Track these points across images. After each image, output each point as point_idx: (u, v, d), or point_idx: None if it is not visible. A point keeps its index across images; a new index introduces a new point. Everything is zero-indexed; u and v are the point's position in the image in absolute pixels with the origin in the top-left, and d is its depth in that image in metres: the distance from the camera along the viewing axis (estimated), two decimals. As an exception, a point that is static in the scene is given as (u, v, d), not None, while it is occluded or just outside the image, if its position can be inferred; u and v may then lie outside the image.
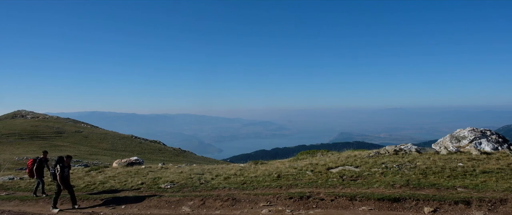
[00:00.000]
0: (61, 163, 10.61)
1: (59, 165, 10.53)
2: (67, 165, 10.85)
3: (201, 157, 50.21)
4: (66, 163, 10.81)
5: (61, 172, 10.49)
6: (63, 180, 10.53)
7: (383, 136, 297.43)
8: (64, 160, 10.79)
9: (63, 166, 10.61)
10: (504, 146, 14.00)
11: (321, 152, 17.31)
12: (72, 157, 11.36)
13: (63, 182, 10.52)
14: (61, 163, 10.62)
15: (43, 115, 67.91)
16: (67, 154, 11.35)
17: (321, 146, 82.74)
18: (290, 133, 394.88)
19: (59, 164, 10.56)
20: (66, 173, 10.71)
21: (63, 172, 10.55)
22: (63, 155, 11.10)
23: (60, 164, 10.56)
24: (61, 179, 10.47)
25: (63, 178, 10.52)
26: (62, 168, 10.53)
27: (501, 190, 8.65)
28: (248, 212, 8.94)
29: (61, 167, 10.51)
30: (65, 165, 10.70)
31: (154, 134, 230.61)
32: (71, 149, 39.18)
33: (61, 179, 10.48)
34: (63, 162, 10.69)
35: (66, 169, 10.74)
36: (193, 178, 12.76)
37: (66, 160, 10.85)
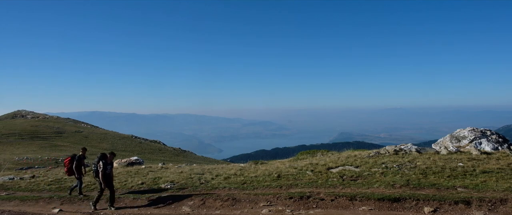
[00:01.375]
0: (104, 160, 10.15)
1: (102, 162, 10.08)
2: (110, 162, 10.39)
3: (201, 157, 50.22)
4: (109, 160, 10.36)
5: (103, 169, 10.03)
6: (106, 178, 10.08)
7: (383, 136, 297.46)
8: (107, 157, 10.33)
9: (106, 163, 10.15)
10: (504, 146, 14.01)
11: (321, 152, 17.32)
12: (115, 154, 10.80)
13: (105, 180, 10.06)
14: (103, 159, 10.16)
15: (43, 115, 67.94)
16: (112, 151, 10.87)
17: (321, 146, 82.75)
18: (290, 133, 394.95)
19: (102, 161, 10.11)
20: (109, 170, 10.25)
21: (106, 169, 10.09)
22: (105, 152, 10.61)
23: (103, 161, 10.11)
24: (103, 177, 10.02)
25: (105, 175, 10.06)
26: (105, 165, 10.07)
27: (501, 190, 8.66)
28: (248, 212, 8.94)
29: (103, 164, 10.05)
30: (107, 162, 10.23)
31: (154, 134, 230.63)
32: (71, 149, 39.19)
33: (104, 176, 10.03)
34: (105, 159, 10.23)
35: (109, 167, 10.27)
36: (193, 178, 12.76)
37: (109, 157, 10.41)
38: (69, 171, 12.03)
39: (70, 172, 12.02)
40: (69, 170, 12.00)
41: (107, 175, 10.15)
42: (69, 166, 11.96)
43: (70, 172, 11.99)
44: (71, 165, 11.92)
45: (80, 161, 11.99)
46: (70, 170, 11.96)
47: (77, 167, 11.86)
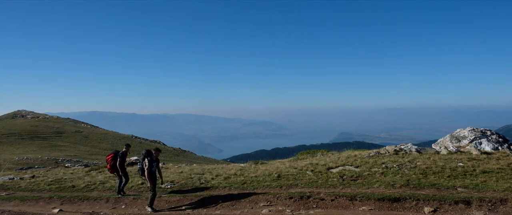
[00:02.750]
0: (149, 157, 9.67)
1: (148, 159, 9.60)
2: (155, 159, 9.90)
3: (201, 157, 50.22)
4: (154, 157, 9.87)
5: (149, 166, 9.54)
6: (151, 176, 9.61)
7: (383, 136, 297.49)
8: (152, 154, 9.84)
9: (152, 160, 9.67)
10: (504, 146, 14.00)
11: (321, 152, 17.31)
12: (161, 150, 10.27)
13: (150, 178, 9.59)
14: (149, 157, 9.68)
15: (43, 115, 67.92)
16: (156, 147, 10.28)
17: (321, 146, 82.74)
18: (290, 133, 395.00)
19: (147, 158, 9.63)
20: (154, 168, 9.76)
21: (152, 167, 9.62)
22: (150, 149, 10.10)
23: (148, 158, 9.63)
24: (149, 175, 9.54)
25: (151, 173, 9.60)
26: (150, 162, 9.59)
27: (501, 190, 8.65)
28: (248, 212, 8.94)
29: (149, 162, 9.57)
30: (153, 159, 9.74)
31: (154, 134, 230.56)
32: (71, 149, 39.20)
33: (150, 174, 9.55)
34: (151, 156, 9.74)
35: (154, 164, 9.77)
36: (193, 178, 12.76)
37: (154, 154, 9.90)
38: (112, 168, 11.51)
39: (113, 170, 11.51)
40: (112, 167, 11.48)
41: (153, 173, 9.68)
42: (112, 163, 11.45)
43: (113, 169, 11.49)
44: (114, 162, 11.41)
45: (123, 157, 11.51)
46: (113, 167, 11.45)
47: (121, 164, 11.39)
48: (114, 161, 11.42)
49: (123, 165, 11.43)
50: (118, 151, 11.64)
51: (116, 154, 11.52)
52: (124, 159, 11.51)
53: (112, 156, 11.51)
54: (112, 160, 11.44)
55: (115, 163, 11.38)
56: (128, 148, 11.94)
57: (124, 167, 11.47)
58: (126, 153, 11.67)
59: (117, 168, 11.36)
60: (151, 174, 9.60)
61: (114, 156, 11.49)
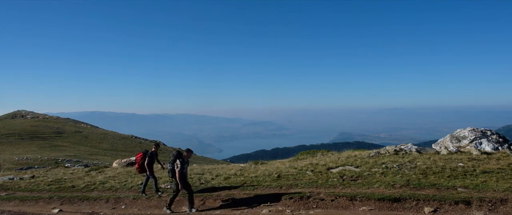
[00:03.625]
0: (181, 158, 9.32)
1: (179, 160, 9.23)
2: (187, 160, 9.55)
3: (201, 157, 50.22)
4: (186, 158, 9.53)
5: (181, 168, 9.17)
6: (183, 178, 9.26)
7: (383, 136, 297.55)
8: (183, 155, 9.50)
9: (183, 161, 9.30)
10: (505, 146, 14.00)
11: (321, 152, 17.30)
12: (192, 151, 9.88)
13: (182, 180, 9.22)
14: (180, 158, 9.32)
15: (43, 115, 67.93)
16: (187, 148, 9.86)
17: (321, 146, 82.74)
18: (290, 133, 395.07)
19: (179, 159, 9.26)
20: (185, 169, 9.40)
21: (183, 168, 9.24)
22: (180, 150, 9.82)
23: (179, 159, 9.26)
24: (180, 177, 9.17)
25: (182, 175, 9.22)
26: (182, 163, 9.22)
27: (501, 190, 8.65)
28: (248, 212, 8.93)
29: (181, 163, 9.21)
30: (185, 161, 9.40)
31: (154, 134, 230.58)
32: (71, 149, 39.21)
33: (181, 176, 9.18)
34: (182, 157, 9.39)
35: (186, 165, 9.41)
36: (193, 178, 12.75)
37: (186, 155, 9.55)
38: (140, 168, 11.35)
39: (141, 169, 11.35)
40: (141, 167, 11.31)
41: (184, 174, 9.31)
42: (141, 162, 11.29)
43: (142, 169, 11.32)
44: (143, 161, 11.26)
45: (152, 157, 11.37)
46: (142, 166, 11.28)
47: (149, 164, 11.22)
48: (142, 161, 11.28)
49: (151, 165, 11.30)
50: (148, 151, 11.50)
51: (145, 153, 11.38)
52: (153, 159, 11.41)
53: (141, 155, 11.38)
54: (141, 159, 11.32)
55: (144, 162, 11.24)
56: (157, 147, 11.76)
57: (152, 167, 11.35)
58: (155, 152, 11.55)
59: (145, 168, 11.20)
60: (183, 175, 9.26)
61: (143, 155, 11.35)
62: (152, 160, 11.35)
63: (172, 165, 9.40)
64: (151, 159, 11.33)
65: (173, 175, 9.39)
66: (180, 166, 9.17)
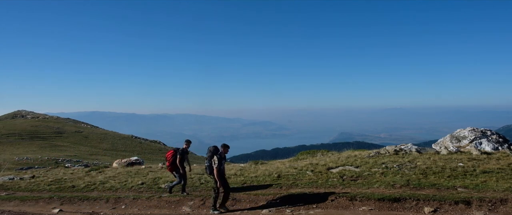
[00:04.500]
0: (218, 154, 8.82)
1: (216, 157, 8.75)
2: (224, 156, 9.04)
3: (201, 157, 50.22)
4: (223, 153, 9.01)
5: (218, 164, 8.71)
6: (221, 174, 8.80)
7: (383, 136, 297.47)
8: (221, 151, 8.99)
9: (221, 157, 8.82)
10: (505, 146, 14.00)
11: (321, 152, 17.31)
12: (229, 146, 9.29)
13: (221, 177, 8.77)
14: (217, 153, 8.83)
15: (43, 115, 67.94)
16: (224, 143, 9.21)
17: (321, 146, 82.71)
18: (290, 133, 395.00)
19: (216, 155, 8.77)
20: (223, 165, 8.95)
21: (221, 165, 8.77)
22: (217, 145, 9.14)
23: (217, 155, 8.77)
24: (219, 173, 8.71)
25: (220, 172, 8.78)
26: (219, 159, 8.74)
27: (501, 190, 8.65)
28: (248, 212, 8.93)
29: (219, 159, 8.73)
30: (222, 156, 8.91)
31: (154, 134, 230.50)
32: (71, 149, 39.21)
33: (219, 173, 8.73)
34: (220, 153, 8.90)
35: (223, 161, 8.95)
36: (193, 178, 12.75)
37: (223, 150, 9.04)
38: (171, 166, 10.83)
39: (172, 167, 10.83)
40: (172, 165, 10.80)
41: (222, 171, 8.89)
42: (172, 160, 10.79)
43: (173, 167, 10.81)
44: (174, 158, 10.76)
45: (183, 154, 10.80)
46: (173, 164, 10.78)
47: (181, 162, 10.70)
48: (174, 158, 10.78)
49: (182, 163, 10.78)
50: (178, 148, 10.99)
51: (176, 151, 10.87)
52: (184, 156, 10.87)
53: (172, 153, 10.85)
54: (172, 157, 10.80)
55: (175, 160, 10.75)
56: (188, 144, 11.11)
57: (184, 165, 10.84)
58: (186, 150, 10.99)
59: (177, 166, 10.71)
60: (221, 172, 8.81)
61: (174, 153, 10.83)
62: (183, 157, 10.79)
63: (209, 161, 8.92)
64: (183, 156, 10.77)
65: (210, 172, 8.93)
66: (217, 162, 8.72)
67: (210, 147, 9.15)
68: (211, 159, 8.86)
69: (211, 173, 8.90)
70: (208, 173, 9.08)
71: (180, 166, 10.68)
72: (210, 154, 8.92)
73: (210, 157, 8.90)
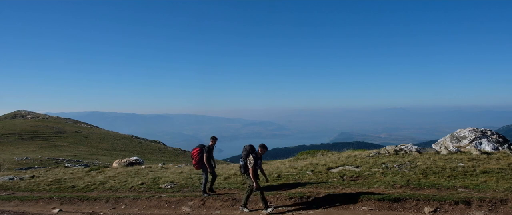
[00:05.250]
0: (254, 154, 8.59)
1: (252, 156, 8.52)
2: (260, 156, 8.79)
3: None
4: (260, 154, 8.76)
5: (254, 164, 8.49)
6: (256, 175, 8.59)
7: (383, 136, 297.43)
8: (258, 151, 8.76)
9: (256, 157, 8.58)
10: (505, 146, 14.00)
11: (321, 152, 17.30)
12: (267, 148, 8.99)
13: (255, 176, 8.54)
14: (253, 153, 8.61)
15: (43, 115, 67.95)
16: (262, 144, 8.87)
17: (321, 146, 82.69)
18: (290, 133, 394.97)
19: (252, 155, 8.55)
20: (259, 165, 8.73)
21: (256, 165, 8.54)
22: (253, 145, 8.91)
23: (252, 154, 8.55)
24: (253, 173, 8.51)
25: (255, 172, 8.58)
26: (255, 160, 8.50)
27: (501, 190, 8.65)
28: (248, 212, 8.92)
29: (254, 159, 8.49)
30: (258, 157, 8.66)
31: (154, 134, 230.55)
32: (71, 149, 39.21)
33: (254, 173, 8.53)
34: (255, 152, 8.68)
35: (259, 161, 8.71)
36: (193, 178, 12.74)
37: (260, 151, 8.76)
38: (198, 164, 10.37)
39: (199, 165, 10.38)
40: (198, 163, 10.34)
41: (257, 171, 8.68)
42: (198, 158, 10.29)
43: (199, 165, 10.37)
44: (201, 156, 10.26)
45: (210, 152, 10.36)
46: (200, 162, 10.32)
47: (208, 159, 10.27)
48: (200, 156, 10.29)
49: (209, 161, 10.35)
50: (204, 145, 10.49)
51: (202, 148, 10.37)
52: (211, 153, 10.44)
53: (198, 150, 10.33)
54: (198, 154, 10.29)
55: (202, 157, 10.28)
56: (214, 140, 10.60)
57: (211, 163, 10.41)
58: (212, 147, 10.51)
59: (204, 164, 10.27)
60: (256, 172, 8.61)
61: (200, 150, 10.32)
62: (210, 155, 10.35)
63: (244, 160, 8.72)
64: (209, 153, 10.33)
65: (245, 171, 8.74)
66: (253, 162, 8.48)
67: (246, 145, 8.92)
68: (246, 157, 8.66)
69: (245, 172, 8.73)
70: (242, 172, 8.87)
71: (207, 163, 10.26)
72: (245, 153, 8.72)
73: (245, 156, 8.70)
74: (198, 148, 10.40)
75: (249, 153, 8.65)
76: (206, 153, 10.24)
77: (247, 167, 8.64)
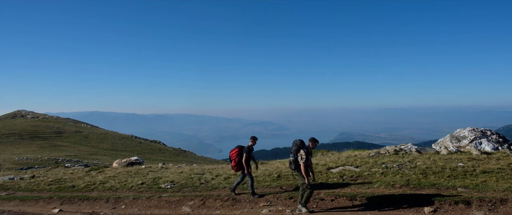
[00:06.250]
0: (305, 149, 8.16)
1: (304, 151, 8.09)
2: (310, 151, 8.36)
3: (201, 157, 50.21)
4: (310, 148, 8.34)
5: (305, 160, 8.03)
6: (307, 171, 8.14)
7: (383, 136, 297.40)
8: (308, 145, 8.31)
9: (308, 152, 8.14)
10: (505, 146, 14.00)
11: (321, 152, 17.31)
12: (318, 141, 8.56)
13: (307, 172, 8.10)
14: (304, 148, 8.17)
15: (43, 115, 67.92)
16: (312, 137, 8.42)
17: (321, 146, 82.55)
18: (290, 133, 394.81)
19: (303, 149, 8.12)
20: (310, 161, 8.27)
21: (307, 160, 8.10)
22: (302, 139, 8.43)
23: (304, 150, 8.12)
24: (305, 169, 8.04)
25: (307, 167, 8.14)
26: (307, 154, 8.07)
27: (501, 190, 8.66)
28: (248, 212, 8.93)
29: (306, 154, 8.07)
30: (309, 151, 8.21)
31: (154, 134, 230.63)
32: (71, 149, 39.21)
33: (306, 169, 8.07)
34: (307, 147, 8.23)
35: (310, 157, 8.25)
36: (193, 178, 12.75)
37: (311, 145, 8.33)
38: (237, 165, 9.94)
39: (238, 167, 9.94)
40: (238, 164, 9.92)
41: (308, 167, 8.24)
42: (238, 159, 9.90)
43: (239, 166, 9.93)
44: (240, 157, 9.88)
45: (249, 152, 9.87)
46: (239, 164, 9.90)
47: (247, 160, 9.84)
48: (239, 157, 9.88)
49: (249, 162, 9.90)
50: (243, 146, 10.08)
51: (241, 148, 9.97)
52: (250, 154, 9.97)
53: (237, 151, 9.95)
54: (237, 155, 9.90)
55: (241, 158, 9.86)
56: (254, 141, 10.12)
57: (250, 163, 9.98)
58: (252, 147, 10.04)
59: (243, 165, 9.82)
60: (307, 168, 8.14)
61: (239, 150, 9.94)
62: (249, 155, 9.90)
63: (294, 155, 8.23)
64: (249, 154, 9.87)
65: (296, 167, 8.25)
66: (305, 157, 8.03)
67: (296, 140, 8.47)
68: (297, 153, 8.19)
69: (296, 168, 8.25)
70: (293, 169, 8.37)
71: (245, 165, 9.82)
72: (296, 148, 8.25)
73: (295, 151, 8.23)
74: (237, 149, 10.03)
75: (300, 147, 8.18)
76: (246, 153, 9.84)
77: (297, 163, 8.18)
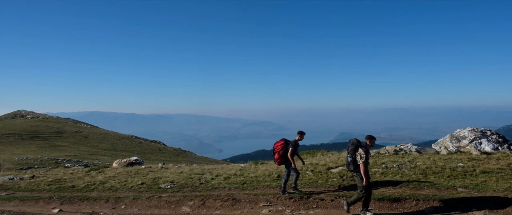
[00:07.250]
0: (364, 148, 7.61)
1: (363, 149, 7.53)
2: (369, 149, 7.83)
3: (201, 157, 50.19)
4: (369, 146, 7.77)
5: (365, 159, 7.49)
6: (367, 171, 7.55)
7: (383, 136, 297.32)
8: (366, 143, 7.73)
9: (367, 150, 7.59)
10: (504, 146, 14.01)
11: (321, 152, 17.29)
12: (375, 138, 7.88)
13: (366, 173, 7.48)
14: (363, 147, 7.61)
15: (43, 115, 67.91)
16: (370, 134, 7.77)
17: (321, 146, 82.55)
18: (290, 133, 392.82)
19: (362, 148, 7.57)
20: (368, 161, 7.73)
21: (367, 159, 7.57)
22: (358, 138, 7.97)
23: (362, 148, 7.56)
24: (365, 169, 7.47)
25: (367, 167, 7.57)
26: (366, 153, 7.52)
27: (501, 190, 8.66)
28: (248, 212, 8.93)
29: (365, 152, 7.52)
30: (367, 150, 7.66)
31: (154, 134, 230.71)
32: (71, 149, 39.20)
33: (366, 169, 7.50)
34: (365, 146, 7.69)
35: (369, 155, 7.74)
36: (193, 178, 12.74)
37: (369, 143, 7.72)
38: (281, 159, 9.33)
39: (282, 160, 9.34)
40: (282, 158, 9.30)
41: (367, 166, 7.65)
42: (282, 152, 9.25)
43: (283, 160, 9.33)
44: (285, 150, 9.25)
45: (296, 147, 9.33)
46: (283, 157, 9.29)
47: (292, 155, 9.26)
48: (284, 150, 9.25)
49: (293, 156, 9.35)
50: (289, 140, 9.49)
51: (287, 142, 9.37)
52: (297, 148, 9.43)
53: (282, 144, 9.30)
54: (282, 148, 9.26)
55: (286, 152, 9.24)
56: (302, 135, 9.55)
57: (294, 159, 9.42)
58: (298, 142, 9.49)
59: (288, 159, 9.25)
60: (367, 168, 7.57)
61: (285, 143, 9.30)
62: (295, 150, 9.33)
63: (352, 155, 7.64)
64: (295, 148, 9.29)
65: (354, 167, 7.63)
66: (365, 156, 7.45)
67: (352, 139, 7.91)
68: (354, 152, 7.61)
69: (355, 169, 7.63)
70: (351, 169, 7.73)
71: (291, 159, 9.26)
72: (353, 147, 7.67)
73: (353, 151, 7.64)
74: (282, 141, 9.40)
75: (358, 146, 7.62)
76: (292, 147, 9.25)
77: (356, 163, 7.60)
